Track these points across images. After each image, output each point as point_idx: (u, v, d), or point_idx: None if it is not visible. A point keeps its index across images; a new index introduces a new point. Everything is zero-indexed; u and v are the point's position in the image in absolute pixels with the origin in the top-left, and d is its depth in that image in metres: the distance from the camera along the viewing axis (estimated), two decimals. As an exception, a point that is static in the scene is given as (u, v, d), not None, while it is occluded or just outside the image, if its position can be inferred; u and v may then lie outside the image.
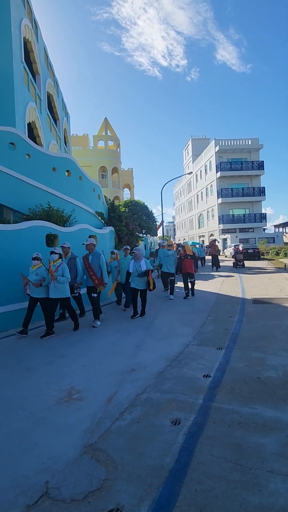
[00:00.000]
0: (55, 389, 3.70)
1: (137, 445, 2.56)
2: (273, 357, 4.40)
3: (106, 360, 4.64)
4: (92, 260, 6.76)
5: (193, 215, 50.63)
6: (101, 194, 12.84)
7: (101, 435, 2.73)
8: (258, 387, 3.51)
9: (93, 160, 33.44)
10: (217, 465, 2.28)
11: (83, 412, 3.15)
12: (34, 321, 7.02)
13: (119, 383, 3.79)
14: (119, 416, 3.02)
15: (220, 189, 38.00)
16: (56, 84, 18.63)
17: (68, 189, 10.09)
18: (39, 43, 14.60)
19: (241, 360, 4.34)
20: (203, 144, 48.90)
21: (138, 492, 2.06)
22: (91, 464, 2.36)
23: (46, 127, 15.39)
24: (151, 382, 3.79)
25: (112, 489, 2.10)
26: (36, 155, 8.99)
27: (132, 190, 43.90)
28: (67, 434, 2.78)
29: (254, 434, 2.64)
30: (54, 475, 2.26)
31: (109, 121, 35.79)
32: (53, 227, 8.17)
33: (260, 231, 38.97)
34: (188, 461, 2.34)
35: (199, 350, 4.88)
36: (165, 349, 5.00)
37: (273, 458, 2.32)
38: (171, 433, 2.70)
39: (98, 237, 10.65)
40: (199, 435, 2.66)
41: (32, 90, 13.19)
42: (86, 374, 4.11)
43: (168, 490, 2.07)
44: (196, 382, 3.72)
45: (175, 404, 3.20)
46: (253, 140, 39.01)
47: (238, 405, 3.13)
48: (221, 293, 10.26)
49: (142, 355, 4.76)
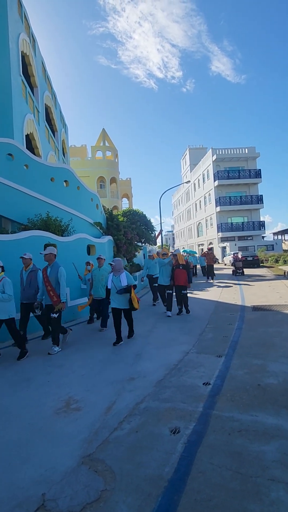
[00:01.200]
0: (53, 399, 3.65)
1: (136, 454, 2.51)
2: (273, 364, 4.36)
3: (105, 369, 4.59)
4: (50, 273, 5.66)
5: (192, 224, 50.79)
6: (99, 203, 12.91)
7: (99, 445, 2.68)
8: (259, 394, 3.47)
9: (91, 170, 33.68)
10: (217, 474, 2.23)
11: (81, 422, 3.10)
12: (35, 331, 6.99)
13: (118, 393, 3.74)
14: (117, 426, 2.98)
15: (218, 198, 38.20)
16: (54, 96, 18.89)
17: (66, 199, 10.15)
18: (36, 56, 14.86)
19: (241, 367, 4.30)
20: (200, 153, 49.38)
21: (137, 502, 2.02)
22: (89, 474, 2.31)
23: (44, 139, 15.55)
24: (150, 391, 3.74)
25: (110, 500, 2.06)
26: (34, 165, 9.07)
27: (130, 199, 44.12)
28: (65, 444, 2.73)
29: (254, 442, 2.60)
30: (51, 486, 2.22)
31: (106, 132, 36.18)
32: (51, 237, 8.19)
33: (259, 238, 39.03)
34: (187, 470, 2.29)
35: (198, 358, 4.84)
36: (164, 357, 4.96)
37: (274, 466, 2.28)
38: (170, 442, 2.65)
39: (96, 246, 10.68)
40: (199, 443, 2.61)
41: (30, 102, 13.38)
42: (84, 384, 4.07)
43: (167, 500, 2.02)
44: (195, 390, 3.68)
45: (175, 413, 3.16)
46: (250, 149, 39.40)
47: (238, 412, 3.09)
48: (221, 301, 10.23)
49: (141, 364, 4.72)
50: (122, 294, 5.92)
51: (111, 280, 6.06)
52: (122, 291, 5.88)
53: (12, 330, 5.26)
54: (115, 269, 6.10)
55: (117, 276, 6.04)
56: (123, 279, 5.97)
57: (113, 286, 6.00)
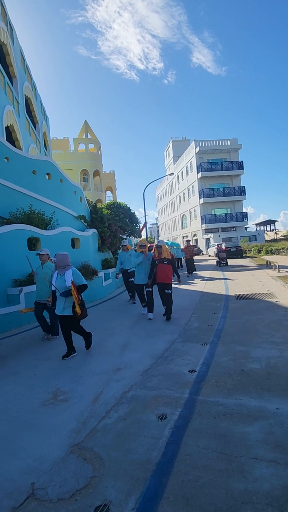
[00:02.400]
0: (40, 392, 3.65)
1: (124, 441, 2.55)
2: (256, 349, 4.47)
3: (91, 361, 4.61)
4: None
5: (176, 216, 50.96)
6: (82, 196, 12.79)
7: (87, 434, 2.71)
8: (242, 379, 3.56)
9: (74, 163, 33.24)
10: (203, 456, 2.30)
11: (69, 413, 3.12)
12: (23, 324, 6.94)
13: (105, 383, 3.77)
14: (105, 415, 3.01)
15: (201, 190, 38.41)
16: (34, 87, 18.44)
17: (49, 192, 10.00)
18: (15, 46, 14.43)
19: (225, 354, 4.40)
20: (183, 146, 49.36)
21: (126, 487, 2.06)
22: (77, 463, 2.34)
23: (25, 131, 15.20)
24: (137, 380, 3.79)
25: (99, 485, 2.09)
26: (15, 158, 8.87)
27: (114, 192, 43.86)
28: (53, 435, 2.75)
29: (239, 424, 2.68)
30: (40, 476, 2.23)
31: (89, 124, 35.67)
32: (34, 231, 8.08)
33: (242, 229, 39.58)
34: (174, 453, 2.35)
35: (184, 346, 4.92)
36: (151, 347, 5.01)
37: (257, 446, 2.36)
38: (158, 428, 2.71)
39: (80, 239, 10.60)
40: (185, 428, 2.68)
41: (9, 93, 13.02)
42: (71, 376, 4.08)
43: (155, 483, 2.07)
44: (181, 377, 3.74)
45: (161, 400, 3.22)
46: (232, 141, 39.65)
47: (223, 397, 3.18)
48: (206, 291, 10.37)
49: (128, 354, 4.76)
50: (66, 297, 4.71)
51: (56, 278, 4.89)
52: (67, 293, 4.65)
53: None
54: (58, 266, 4.89)
55: (61, 274, 4.83)
56: (68, 278, 4.72)
57: (59, 287, 4.78)
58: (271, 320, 5.98)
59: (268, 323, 5.80)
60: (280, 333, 5.13)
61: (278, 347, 4.50)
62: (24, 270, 7.47)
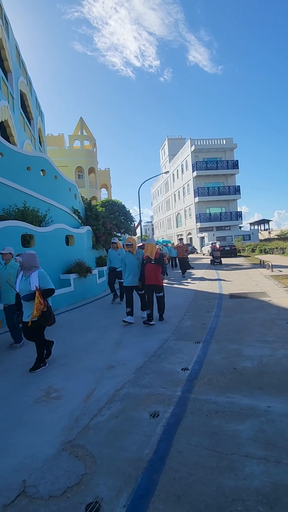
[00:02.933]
0: (33, 389, 3.64)
1: (116, 439, 2.56)
2: (249, 348, 4.51)
3: (85, 358, 4.61)
4: None
5: (171, 215, 51.01)
6: (77, 193, 12.73)
7: (79, 431, 2.71)
8: (235, 377, 3.59)
9: (69, 160, 33.05)
10: (194, 453, 2.31)
11: (61, 410, 3.12)
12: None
13: (98, 380, 3.77)
14: (97, 412, 3.01)
15: (196, 188, 38.49)
16: (29, 83, 18.27)
17: (44, 188, 9.93)
18: (10, 40, 14.28)
19: (218, 352, 4.43)
20: (179, 144, 49.37)
21: (117, 484, 2.07)
22: (69, 460, 2.34)
23: (19, 126, 15.07)
24: (130, 377, 3.80)
25: (91, 483, 2.10)
26: (9, 154, 8.80)
27: (109, 190, 43.71)
28: (45, 432, 2.74)
29: (230, 422, 2.70)
30: (31, 473, 2.23)
31: (84, 121, 35.49)
32: (28, 227, 8.03)
33: (236, 228, 39.79)
34: (166, 451, 2.36)
35: (177, 344, 4.94)
36: (144, 345, 5.02)
37: (248, 443, 2.39)
38: (150, 426, 2.72)
39: (75, 236, 10.57)
40: (177, 426, 2.69)
41: (4, 88, 12.89)
42: (64, 373, 4.07)
43: (147, 480, 2.08)
44: (174, 375, 3.76)
45: (154, 398, 3.23)
46: (228, 140, 39.77)
47: (215, 395, 3.20)
48: (199, 290, 10.41)
49: (121, 352, 4.77)
50: (29, 302, 4.16)
51: (20, 281, 4.33)
52: (29, 297, 4.11)
53: None
54: (23, 267, 4.31)
55: (26, 277, 4.26)
56: (33, 281, 4.17)
57: (22, 290, 4.23)
58: (264, 319, 6.03)
59: (261, 322, 5.85)
60: (273, 332, 5.17)
61: (271, 345, 4.54)
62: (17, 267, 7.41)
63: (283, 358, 4.05)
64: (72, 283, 9.23)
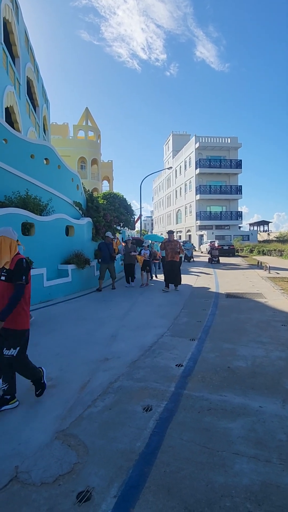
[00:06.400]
0: (27, 377, 3.66)
1: (109, 430, 2.59)
2: (243, 348, 4.55)
3: (80, 349, 4.63)
4: None
5: (171, 211, 50.93)
6: (79, 184, 12.67)
7: (73, 421, 2.74)
8: (228, 376, 3.63)
9: (73, 150, 32.85)
10: (186, 449, 2.35)
11: (55, 399, 3.14)
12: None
13: (92, 372, 3.80)
14: (91, 403, 3.04)
15: (198, 186, 38.40)
16: (36, 69, 18.09)
17: (46, 177, 9.87)
18: (19, 24, 14.10)
19: (212, 350, 4.46)
20: (183, 140, 49.15)
21: (109, 474, 2.10)
22: (62, 449, 2.37)
23: (24, 113, 14.95)
24: (124, 370, 3.83)
25: (82, 472, 2.12)
26: (13, 140, 8.72)
27: (111, 182, 43.57)
28: (39, 420, 2.77)
29: (222, 419, 2.74)
30: (24, 460, 2.26)
31: (90, 111, 35.22)
32: (29, 216, 8.01)
33: (236, 228, 39.82)
34: (158, 445, 2.39)
35: (172, 340, 4.97)
36: (139, 339, 5.05)
37: (239, 441, 2.42)
38: (143, 419, 2.75)
39: (75, 227, 10.54)
40: (170, 420, 2.72)
41: (11, 73, 12.75)
42: (59, 363, 4.10)
43: (138, 472, 2.12)
44: (168, 371, 3.79)
45: (148, 392, 3.26)
46: (233, 139, 39.60)
47: (208, 392, 3.23)
48: (196, 287, 10.45)
49: (116, 345, 4.79)
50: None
51: None
52: None
53: None
54: None
55: None
56: None
57: None
58: (259, 320, 6.07)
59: (256, 322, 5.89)
60: (268, 333, 5.21)
61: (265, 347, 4.58)
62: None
63: (277, 359, 4.09)
64: (70, 274, 9.24)
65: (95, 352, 4.51)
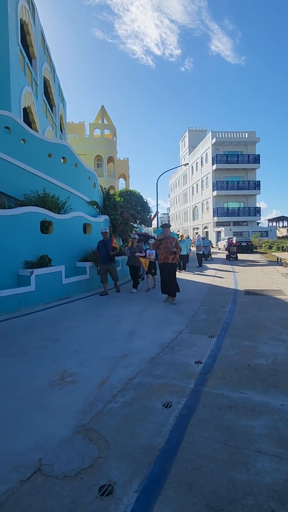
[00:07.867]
0: (48, 372, 3.72)
1: (129, 426, 2.60)
2: (263, 345, 4.47)
3: (99, 345, 4.67)
4: None
5: (188, 207, 50.58)
6: (96, 182, 12.76)
7: (93, 416, 2.77)
8: (248, 373, 3.58)
9: (89, 148, 33.10)
10: (206, 446, 2.33)
11: (76, 394, 3.18)
12: (32, 306, 7.04)
13: (111, 368, 3.83)
14: (111, 399, 3.06)
15: (215, 182, 37.97)
16: (52, 69, 18.28)
17: (64, 176, 10.00)
18: (36, 25, 14.27)
19: (232, 348, 4.41)
20: (199, 136, 48.64)
21: (130, 469, 2.11)
22: (83, 443, 2.40)
23: (42, 113, 15.15)
24: (143, 367, 3.84)
25: (104, 466, 2.14)
26: (31, 140, 8.87)
27: (127, 180, 43.66)
28: (60, 415, 2.81)
29: (243, 417, 2.70)
30: (46, 453, 2.30)
31: (105, 109, 35.34)
32: (48, 214, 8.12)
33: (254, 224, 39.16)
34: (178, 441, 2.39)
35: (191, 337, 4.94)
36: (157, 336, 5.05)
37: (261, 440, 2.39)
38: (163, 415, 2.75)
39: (92, 225, 10.63)
40: (190, 417, 2.71)
41: (28, 74, 12.94)
42: (79, 359, 4.14)
43: (159, 468, 2.12)
44: (187, 368, 3.78)
45: (167, 388, 3.26)
46: (250, 133, 38.91)
47: (228, 390, 3.20)
48: (214, 284, 10.35)
49: (134, 342, 4.81)
50: None
51: None
52: None
53: None
54: None
55: None
56: None
57: None
58: (280, 317, 5.96)
59: (277, 320, 5.78)
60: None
61: (286, 344, 4.49)
62: (35, 252, 7.55)
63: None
64: (88, 271, 9.33)
65: (113, 348, 4.54)
